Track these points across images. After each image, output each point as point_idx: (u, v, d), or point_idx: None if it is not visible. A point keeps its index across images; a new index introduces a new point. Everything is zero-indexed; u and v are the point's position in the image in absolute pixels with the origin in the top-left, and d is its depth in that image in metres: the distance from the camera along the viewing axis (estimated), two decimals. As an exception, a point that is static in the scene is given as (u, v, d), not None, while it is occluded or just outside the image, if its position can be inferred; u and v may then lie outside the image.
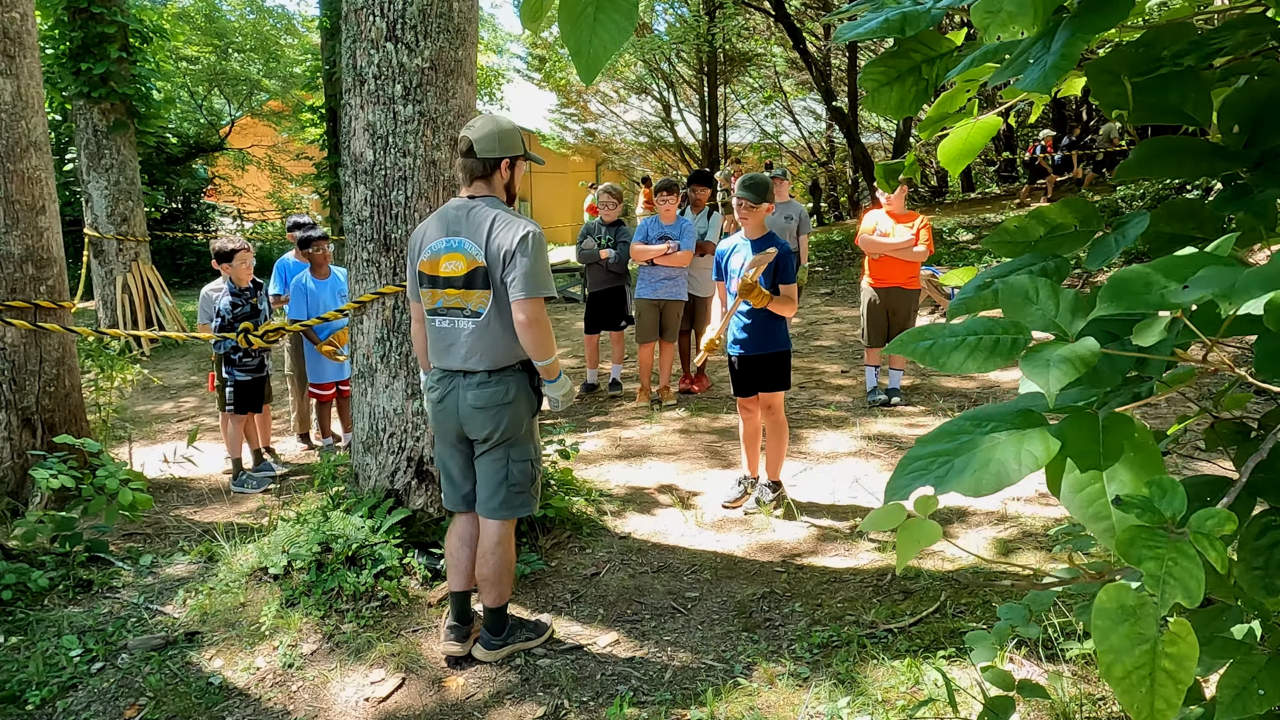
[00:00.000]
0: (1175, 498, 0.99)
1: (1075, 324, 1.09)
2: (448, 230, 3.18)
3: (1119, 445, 1.05)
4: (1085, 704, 2.64)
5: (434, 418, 3.31)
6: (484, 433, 3.20)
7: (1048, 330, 1.10)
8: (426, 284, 3.22)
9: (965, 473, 1.05)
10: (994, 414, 1.12)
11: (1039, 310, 1.12)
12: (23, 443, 5.06)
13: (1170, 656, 0.95)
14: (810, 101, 25.06)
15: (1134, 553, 0.95)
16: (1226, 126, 1.27)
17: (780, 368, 4.68)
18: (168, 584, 4.07)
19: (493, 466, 3.26)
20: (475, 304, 3.14)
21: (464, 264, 3.13)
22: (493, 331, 3.15)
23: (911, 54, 1.44)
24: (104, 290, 10.57)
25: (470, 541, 3.39)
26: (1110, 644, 0.96)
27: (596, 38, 1.07)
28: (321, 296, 6.18)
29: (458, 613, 3.41)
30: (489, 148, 3.17)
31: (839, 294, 12.52)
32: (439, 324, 3.21)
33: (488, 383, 3.17)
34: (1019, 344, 1.09)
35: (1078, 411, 1.10)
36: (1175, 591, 0.92)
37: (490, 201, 3.20)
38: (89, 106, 10.29)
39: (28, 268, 5.01)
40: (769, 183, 4.75)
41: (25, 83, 5.03)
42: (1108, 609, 0.97)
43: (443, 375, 3.24)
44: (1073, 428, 1.08)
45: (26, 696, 3.17)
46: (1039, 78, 1.12)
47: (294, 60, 21.94)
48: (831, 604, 3.69)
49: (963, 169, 1.54)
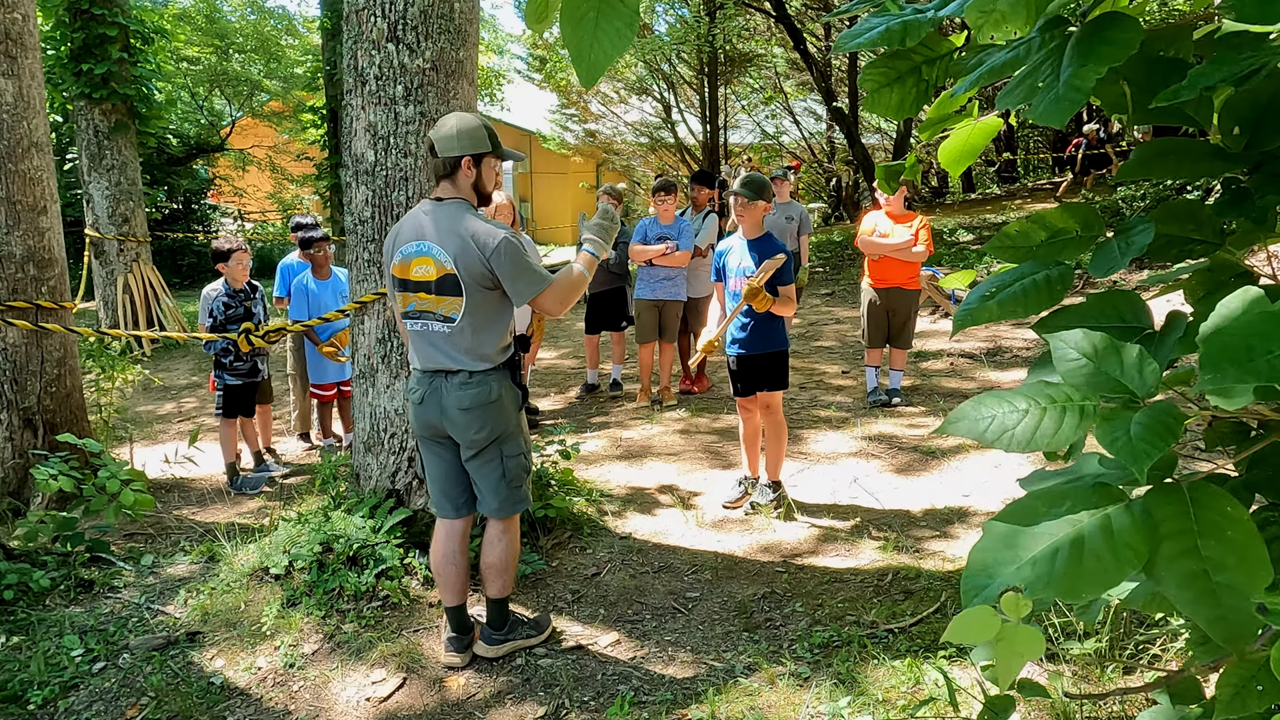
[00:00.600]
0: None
1: (1146, 383, 0.99)
2: (418, 234, 3.13)
3: (1213, 523, 0.95)
4: (1085, 704, 2.64)
5: (415, 417, 3.27)
6: (474, 435, 3.17)
7: (1115, 394, 1.01)
8: (399, 287, 3.19)
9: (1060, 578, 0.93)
10: (1066, 492, 1.01)
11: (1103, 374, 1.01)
12: (24, 443, 5.07)
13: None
14: (811, 102, 25.06)
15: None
16: (1227, 128, 1.27)
17: (779, 367, 4.69)
18: (169, 584, 4.07)
19: (488, 468, 3.24)
20: (447, 310, 3.10)
21: (434, 269, 3.08)
22: (468, 336, 3.11)
23: (912, 55, 1.44)
24: (105, 291, 10.58)
25: (454, 558, 3.35)
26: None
27: (598, 44, 1.07)
28: (323, 297, 6.18)
29: (456, 624, 3.41)
30: (448, 146, 3.10)
31: (839, 295, 12.53)
32: (414, 327, 3.18)
33: (469, 383, 3.13)
34: (1087, 415, 0.99)
35: (1160, 484, 1.00)
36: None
37: (458, 205, 3.12)
38: (90, 107, 10.29)
39: (29, 268, 5.02)
40: (766, 181, 4.74)
41: (27, 83, 5.04)
42: None
43: (423, 375, 3.21)
44: (1160, 506, 0.97)
45: (28, 696, 3.18)
46: (1049, 110, 1.07)
47: (295, 61, 21.96)
48: (832, 604, 3.69)
49: (963, 170, 1.54)
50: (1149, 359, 1.02)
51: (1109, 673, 2.80)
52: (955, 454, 5.51)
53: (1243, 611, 0.91)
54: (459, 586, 3.37)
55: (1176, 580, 0.94)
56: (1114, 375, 1.01)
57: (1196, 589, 0.93)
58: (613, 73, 22.28)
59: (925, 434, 5.94)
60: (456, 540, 3.36)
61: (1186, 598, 0.94)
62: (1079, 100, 1.08)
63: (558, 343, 10.45)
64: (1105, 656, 2.85)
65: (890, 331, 6.67)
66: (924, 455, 5.55)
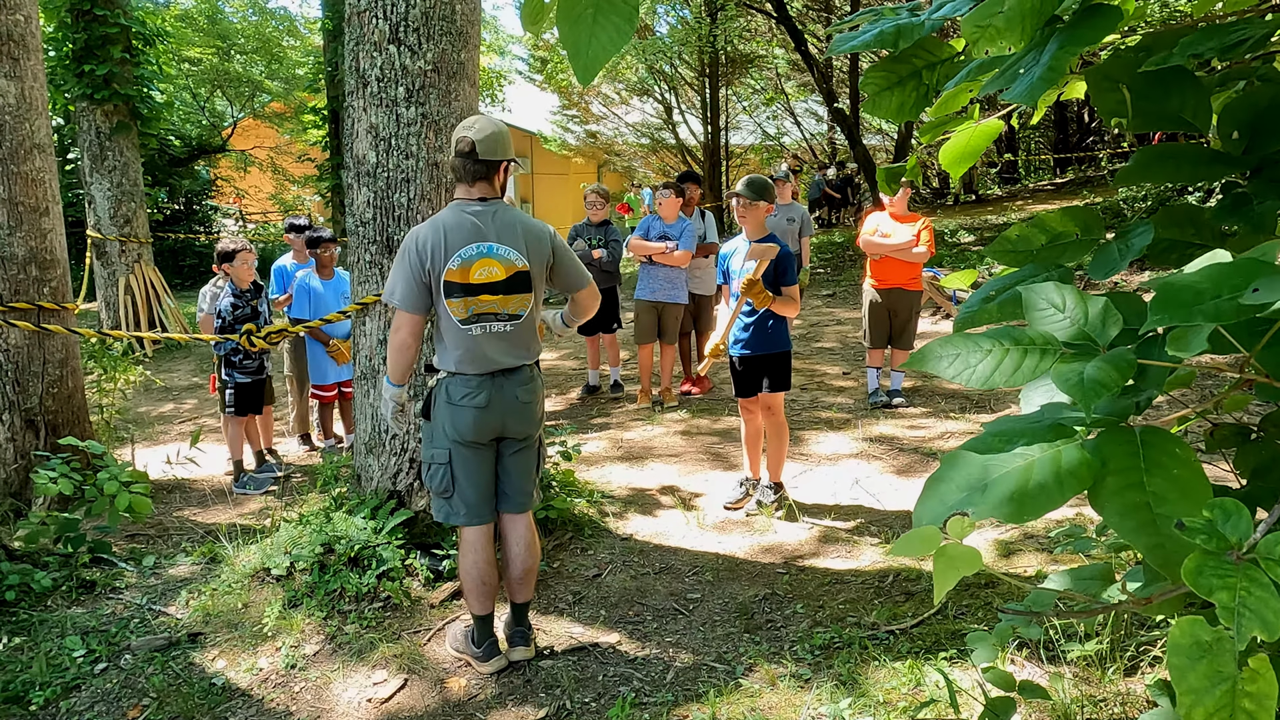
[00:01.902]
0: (1241, 521, 0.93)
1: (1107, 333, 1.04)
2: (474, 236, 3.10)
3: (1160, 461, 0.99)
4: (1086, 705, 2.64)
5: (473, 422, 3.15)
6: (530, 428, 3.28)
7: (1076, 340, 1.05)
8: (459, 293, 3.09)
9: (1005, 501, 0.99)
10: (1022, 429, 1.07)
11: (1066, 319, 1.06)
12: (26, 444, 5.07)
13: (1250, 696, 0.88)
14: (812, 103, 25.08)
15: (1203, 583, 0.88)
16: (1226, 132, 1.27)
17: (781, 368, 4.69)
18: (170, 585, 4.08)
19: (528, 459, 3.33)
20: (514, 307, 3.17)
21: (501, 269, 3.11)
22: (530, 330, 3.24)
23: (913, 59, 1.44)
24: (106, 292, 10.59)
25: (494, 562, 3.35)
26: (1189, 684, 0.89)
27: (595, 40, 1.07)
28: (326, 297, 6.19)
29: (518, 618, 3.42)
30: (491, 150, 3.13)
31: (840, 296, 12.53)
32: (472, 331, 3.12)
33: (531, 378, 3.26)
34: (1048, 355, 1.04)
35: (1114, 426, 1.04)
36: (1252, 624, 0.84)
37: (504, 205, 3.22)
38: (92, 108, 10.31)
39: (31, 269, 5.03)
40: (768, 182, 4.75)
41: (29, 85, 5.04)
42: (1183, 645, 0.90)
43: (482, 379, 3.15)
44: (1110, 444, 1.02)
45: (30, 697, 3.18)
46: (1025, 90, 1.11)
47: (296, 62, 21.99)
48: (833, 605, 3.70)
49: (964, 172, 1.55)
50: (1114, 313, 1.06)
51: (1110, 674, 2.80)
52: (956, 455, 5.52)
53: (1180, 540, 0.95)
54: (495, 592, 3.37)
55: (1119, 509, 1.00)
56: (1079, 325, 1.06)
57: (1138, 519, 0.98)
58: (614, 74, 22.31)
59: (927, 435, 5.94)
60: (492, 545, 3.36)
61: (1128, 526, 0.99)
62: (1054, 80, 1.11)
63: (559, 343, 10.46)
64: (1106, 658, 2.85)
65: (892, 332, 6.67)
66: (925, 456, 5.55)
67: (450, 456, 3.21)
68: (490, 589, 3.32)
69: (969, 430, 5.96)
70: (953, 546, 1.06)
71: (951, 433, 5.95)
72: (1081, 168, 21.67)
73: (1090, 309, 1.07)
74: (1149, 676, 2.75)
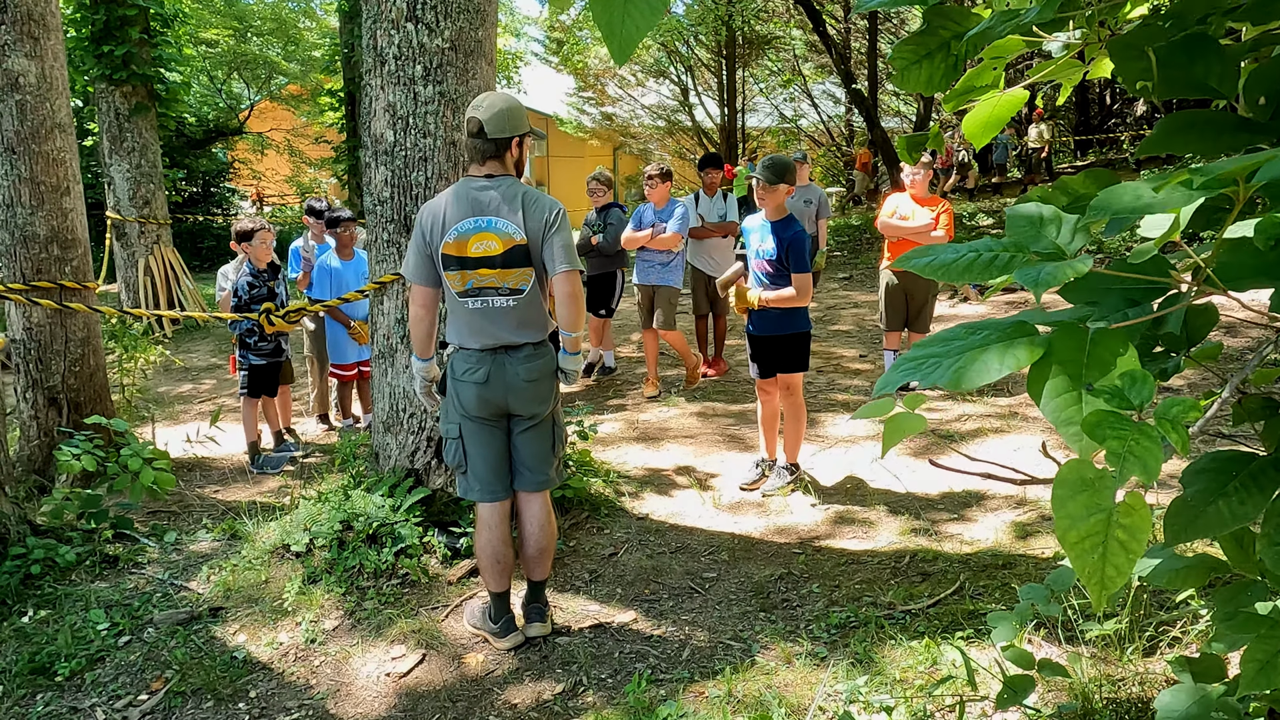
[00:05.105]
0: (1145, 387, 1.02)
1: (1075, 244, 1.13)
2: (473, 210, 3.13)
3: (1105, 360, 1.07)
4: (1104, 684, 2.64)
5: (475, 398, 3.20)
6: (535, 407, 3.25)
7: (1049, 251, 1.14)
8: (455, 265, 3.14)
9: (949, 369, 1.09)
10: (990, 324, 1.17)
11: (1043, 235, 1.16)
12: (49, 421, 5.13)
13: (1124, 527, 0.98)
14: (829, 85, 24.89)
15: (1099, 433, 0.98)
16: (1253, 99, 1.25)
17: (799, 349, 4.68)
18: (192, 560, 4.13)
19: (540, 438, 3.31)
20: (515, 281, 3.15)
21: (499, 243, 3.11)
22: (534, 306, 3.20)
23: (940, 31, 1.44)
24: (126, 272, 10.67)
25: (509, 540, 3.37)
26: (1067, 511, 1.00)
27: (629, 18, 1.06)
28: (345, 277, 6.22)
29: (534, 595, 3.45)
30: (500, 128, 3.14)
31: (857, 279, 12.47)
32: (471, 305, 3.16)
33: (535, 355, 3.21)
34: (1018, 260, 1.13)
35: (1068, 324, 1.13)
36: (1134, 467, 0.95)
37: (512, 180, 3.20)
38: (110, 90, 10.36)
39: (53, 248, 5.07)
40: (789, 164, 4.72)
41: (50, 64, 5.07)
42: (1068, 480, 1.01)
43: (482, 354, 3.18)
44: (1060, 339, 1.11)
45: (56, 668, 3.24)
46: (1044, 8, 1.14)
47: (313, 44, 22.02)
48: (849, 585, 3.70)
49: (988, 141, 1.54)
50: (1083, 228, 1.14)
51: (1128, 654, 2.80)
52: (973, 437, 5.50)
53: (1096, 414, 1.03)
54: (511, 569, 3.39)
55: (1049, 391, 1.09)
56: (1050, 237, 1.15)
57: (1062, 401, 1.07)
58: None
59: (944, 419, 5.92)
60: (508, 522, 3.38)
61: (1051, 406, 1.08)
62: None
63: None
64: (1125, 638, 2.85)
65: (908, 315, 6.63)
66: (941, 438, 5.53)
67: (460, 431, 3.27)
68: (505, 566, 3.34)
69: (986, 413, 5.93)
70: (901, 413, 1.29)
71: (969, 415, 5.93)
72: (1103, 150, 21.46)
73: (1063, 225, 1.16)
74: (1168, 656, 2.74)
